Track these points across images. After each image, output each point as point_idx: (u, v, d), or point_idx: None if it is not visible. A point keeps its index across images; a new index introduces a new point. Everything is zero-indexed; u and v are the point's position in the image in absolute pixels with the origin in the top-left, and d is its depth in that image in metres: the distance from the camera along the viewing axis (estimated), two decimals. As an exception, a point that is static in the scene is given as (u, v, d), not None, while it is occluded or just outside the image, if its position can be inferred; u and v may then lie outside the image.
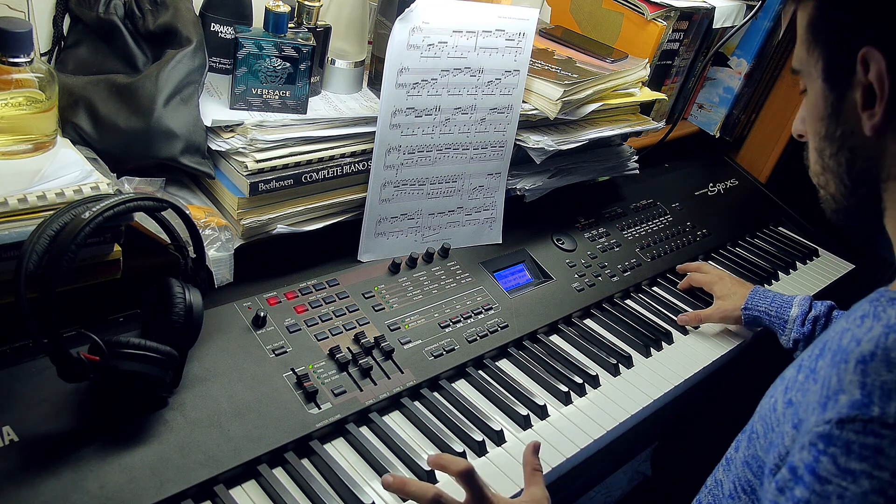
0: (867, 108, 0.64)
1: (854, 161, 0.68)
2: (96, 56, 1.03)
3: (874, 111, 0.64)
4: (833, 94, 0.68)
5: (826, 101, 0.69)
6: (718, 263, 1.61)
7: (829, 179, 0.72)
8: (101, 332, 0.80)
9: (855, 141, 0.67)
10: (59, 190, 0.83)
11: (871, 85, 0.63)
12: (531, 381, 1.14)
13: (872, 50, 0.62)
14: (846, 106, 0.67)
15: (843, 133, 0.68)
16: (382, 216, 1.20)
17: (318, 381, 0.98)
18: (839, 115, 0.68)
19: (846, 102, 0.67)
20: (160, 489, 0.80)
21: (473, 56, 1.16)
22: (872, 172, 0.68)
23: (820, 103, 0.69)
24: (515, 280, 1.30)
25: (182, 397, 0.89)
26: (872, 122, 0.64)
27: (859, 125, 0.66)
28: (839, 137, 0.69)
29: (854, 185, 0.70)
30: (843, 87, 0.67)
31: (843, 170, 0.69)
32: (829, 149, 0.70)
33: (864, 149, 0.67)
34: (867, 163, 0.67)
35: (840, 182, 0.71)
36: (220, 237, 1.00)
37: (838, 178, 0.71)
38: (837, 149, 0.69)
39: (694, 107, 1.92)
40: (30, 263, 0.73)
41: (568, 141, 1.31)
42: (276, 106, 1.08)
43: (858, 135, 0.66)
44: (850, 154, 0.68)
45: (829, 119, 0.69)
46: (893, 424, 0.53)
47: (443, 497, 0.82)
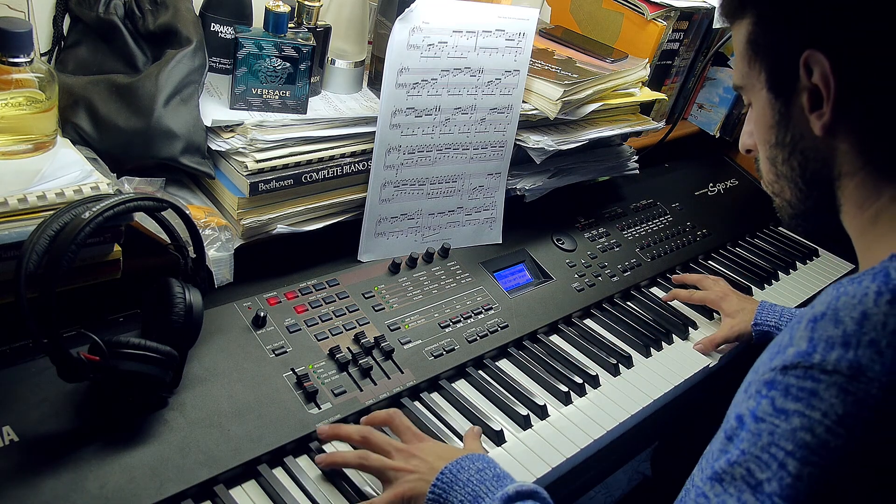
0: (815, 109, 0.66)
1: (806, 164, 0.70)
2: (96, 56, 1.03)
3: (822, 111, 0.66)
4: (779, 102, 0.70)
5: (773, 110, 0.71)
6: (718, 263, 1.61)
7: (784, 186, 0.74)
8: (101, 332, 0.80)
9: (805, 144, 0.69)
10: (59, 190, 0.83)
11: (817, 87, 0.65)
12: (531, 381, 1.14)
13: (814, 52, 0.64)
14: (793, 111, 0.69)
15: (793, 137, 0.70)
16: (382, 216, 1.20)
17: (318, 381, 0.98)
18: (788, 120, 0.70)
19: (793, 108, 0.69)
20: (160, 489, 0.80)
21: (473, 56, 1.16)
22: (825, 172, 0.70)
23: (767, 112, 0.72)
24: (515, 280, 1.30)
25: (182, 397, 0.89)
26: (822, 122, 0.66)
27: (808, 128, 0.68)
28: (790, 143, 0.71)
29: (809, 187, 0.72)
30: (789, 93, 0.69)
31: (796, 174, 0.72)
32: (781, 155, 0.72)
33: (815, 150, 0.69)
34: (819, 164, 0.69)
35: (795, 187, 0.73)
36: (220, 237, 1.00)
37: (793, 183, 0.73)
38: (789, 154, 0.71)
39: (694, 107, 1.92)
40: (30, 263, 0.73)
41: (568, 141, 1.31)
42: (276, 106, 1.08)
43: (808, 137, 0.68)
44: (801, 157, 0.70)
45: (777, 126, 0.71)
46: (832, 371, 0.57)
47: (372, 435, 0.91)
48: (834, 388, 0.57)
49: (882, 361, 0.56)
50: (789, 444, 0.57)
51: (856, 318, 0.58)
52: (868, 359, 0.56)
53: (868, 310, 0.58)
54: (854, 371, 0.56)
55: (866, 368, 0.56)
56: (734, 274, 1.57)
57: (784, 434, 0.57)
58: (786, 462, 0.57)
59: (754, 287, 1.54)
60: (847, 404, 0.56)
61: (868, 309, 0.58)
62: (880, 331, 0.57)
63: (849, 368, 0.57)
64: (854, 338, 0.57)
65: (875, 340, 0.57)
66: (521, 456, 1.00)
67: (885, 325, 0.57)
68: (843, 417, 0.56)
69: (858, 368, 0.56)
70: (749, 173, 1.96)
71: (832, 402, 0.56)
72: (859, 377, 0.56)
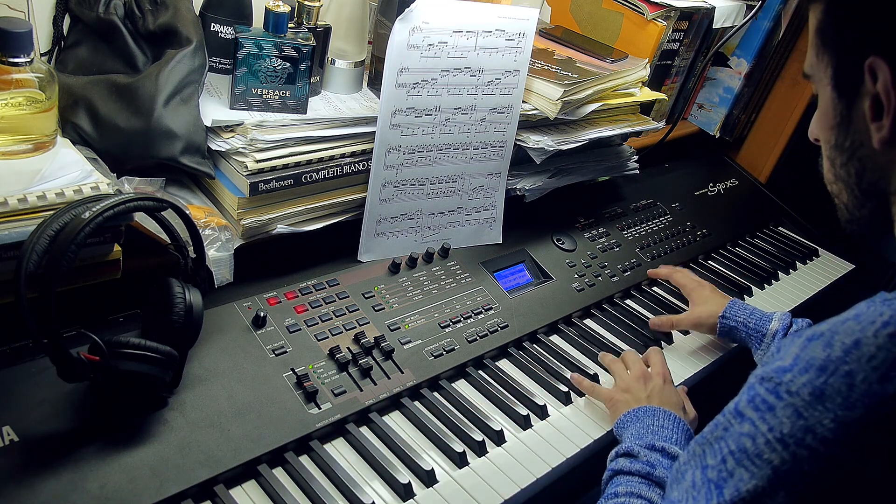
0: (876, 119, 0.63)
1: (864, 172, 0.67)
2: (96, 56, 1.03)
3: (882, 123, 0.62)
4: (842, 103, 0.66)
5: (836, 110, 0.67)
6: (718, 263, 1.61)
7: (842, 189, 0.70)
8: (101, 332, 0.80)
9: (864, 152, 0.66)
10: (59, 190, 0.83)
11: (879, 95, 0.61)
12: (531, 381, 1.14)
13: (879, 60, 0.61)
14: (855, 116, 0.65)
15: (853, 144, 0.66)
16: (382, 216, 1.20)
17: (318, 381, 0.98)
18: (849, 124, 0.66)
19: (855, 112, 0.65)
20: (160, 489, 0.80)
21: (473, 56, 1.16)
22: (882, 185, 0.66)
23: (830, 112, 0.68)
24: (515, 280, 1.30)
25: (182, 397, 0.89)
26: (880, 135, 0.63)
27: (868, 137, 0.64)
28: (849, 148, 0.67)
29: (864, 197, 0.68)
30: (852, 96, 0.65)
31: (853, 181, 0.68)
32: (840, 158, 0.69)
33: (873, 160, 0.65)
34: (877, 175, 0.66)
35: (851, 193, 0.69)
36: (220, 237, 1.00)
37: (849, 189, 0.69)
38: (847, 159, 0.68)
39: (694, 107, 1.92)
40: (30, 263, 0.73)
41: (568, 141, 1.31)
42: (276, 106, 1.08)
43: (868, 146, 0.65)
44: (859, 165, 0.67)
45: (838, 128, 0.67)
46: (794, 392, 0.57)
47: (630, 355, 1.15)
48: (790, 409, 0.57)
49: (847, 396, 0.55)
50: (733, 444, 0.60)
51: (846, 345, 0.56)
52: (834, 390, 0.55)
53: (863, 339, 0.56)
54: (814, 398, 0.56)
55: (828, 399, 0.55)
56: (734, 274, 1.57)
57: (733, 434, 0.61)
58: (727, 458, 0.60)
59: (754, 287, 1.54)
60: (794, 427, 0.56)
61: (864, 338, 0.56)
62: (863, 363, 0.55)
63: (810, 394, 0.56)
64: (833, 365, 0.56)
65: (852, 372, 0.55)
66: (521, 456, 1.00)
67: (872, 358, 0.55)
68: (784, 437, 0.57)
69: (820, 397, 0.56)
70: (749, 173, 1.96)
71: (783, 420, 0.57)
72: (817, 405, 0.55)
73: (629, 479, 0.87)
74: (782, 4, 1.74)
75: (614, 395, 1.07)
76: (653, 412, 0.99)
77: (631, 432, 0.97)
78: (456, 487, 0.93)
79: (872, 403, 0.54)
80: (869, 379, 0.54)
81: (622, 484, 0.86)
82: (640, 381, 1.08)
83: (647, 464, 0.88)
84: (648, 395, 1.05)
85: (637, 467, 0.88)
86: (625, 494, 0.85)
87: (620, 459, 0.91)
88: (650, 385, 1.07)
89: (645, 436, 0.94)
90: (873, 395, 0.54)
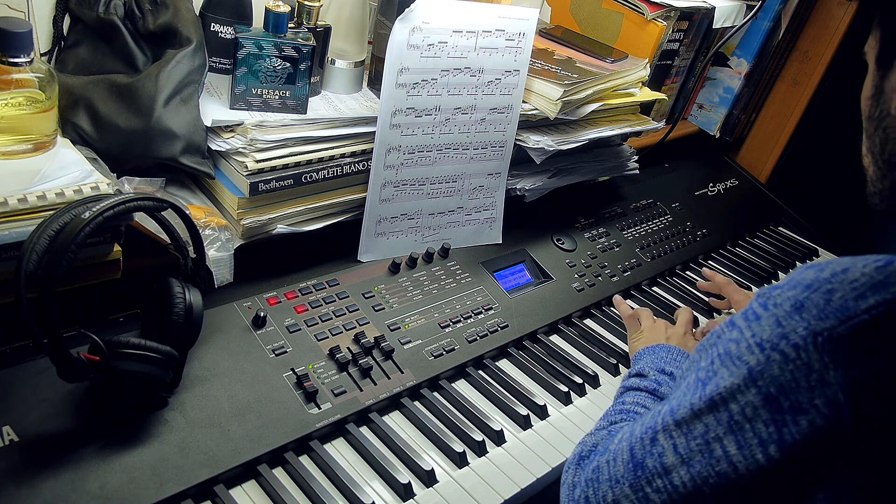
0: None
1: (886, 142, 0.69)
2: (96, 56, 1.03)
3: None
4: (878, 75, 0.69)
5: (872, 82, 0.70)
6: (718, 263, 1.61)
7: (870, 161, 0.72)
8: (101, 332, 0.80)
9: (889, 122, 0.68)
10: (59, 190, 0.83)
11: None
12: (531, 381, 1.14)
13: None
14: (886, 86, 0.68)
15: (881, 113, 0.69)
16: (382, 216, 1.20)
17: (318, 381, 0.98)
18: (880, 94, 0.69)
19: (887, 83, 0.68)
20: (160, 489, 0.80)
21: (473, 56, 1.16)
22: None
23: (869, 83, 0.71)
24: (515, 280, 1.30)
25: (182, 397, 0.89)
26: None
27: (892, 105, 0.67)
28: (877, 118, 0.70)
29: (886, 167, 0.70)
30: (887, 69, 0.68)
31: (877, 150, 0.70)
32: (870, 128, 0.71)
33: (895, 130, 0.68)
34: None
35: (875, 164, 0.71)
36: (220, 237, 1.00)
37: (874, 160, 0.71)
38: (874, 129, 0.70)
39: (694, 107, 1.92)
40: (30, 263, 0.73)
41: (568, 141, 1.31)
42: (276, 106, 1.08)
43: (892, 115, 0.67)
44: (884, 135, 0.69)
45: (872, 99, 0.70)
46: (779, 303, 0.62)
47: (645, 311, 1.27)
48: (772, 319, 0.61)
49: (822, 308, 0.58)
50: (721, 348, 0.66)
51: (836, 270, 0.60)
52: (812, 303, 0.59)
53: (852, 267, 0.60)
54: (794, 309, 0.60)
55: (805, 310, 0.59)
56: (734, 274, 1.57)
57: (723, 340, 0.66)
58: (714, 360, 0.66)
59: (754, 287, 1.54)
60: (772, 333, 0.61)
61: (853, 267, 0.60)
62: (844, 284, 0.59)
63: (791, 306, 0.60)
64: (818, 284, 0.60)
65: (832, 290, 0.59)
66: (521, 456, 1.00)
67: (854, 281, 0.58)
68: (762, 342, 0.61)
69: (799, 308, 0.60)
70: (749, 173, 1.96)
71: (764, 327, 0.62)
72: (794, 315, 0.60)
73: (637, 394, 0.97)
74: (782, 4, 1.74)
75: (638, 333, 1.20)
76: (668, 349, 1.09)
77: (645, 360, 1.06)
78: (456, 487, 0.93)
79: (843, 316, 0.58)
80: (846, 297, 0.58)
81: (630, 396, 0.97)
82: (663, 327, 1.20)
83: (655, 381, 0.99)
84: (668, 337, 1.16)
85: (645, 384, 0.99)
86: (631, 404, 0.95)
87: (632, 378, 1.02)
88: (671, 331, 1.19)
89: (657, 362, 1.04)
90: (846, 309, 0.58)
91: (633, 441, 0.72)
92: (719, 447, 0.64)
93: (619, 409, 0.94)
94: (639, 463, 0.70)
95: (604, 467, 0.75)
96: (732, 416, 0.63)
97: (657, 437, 0.69)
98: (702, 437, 0.65)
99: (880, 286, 0.58)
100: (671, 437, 0.68)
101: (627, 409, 0.94)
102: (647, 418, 0.73)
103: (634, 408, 0.94)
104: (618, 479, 0.72)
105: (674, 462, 0.67)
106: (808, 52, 1.81)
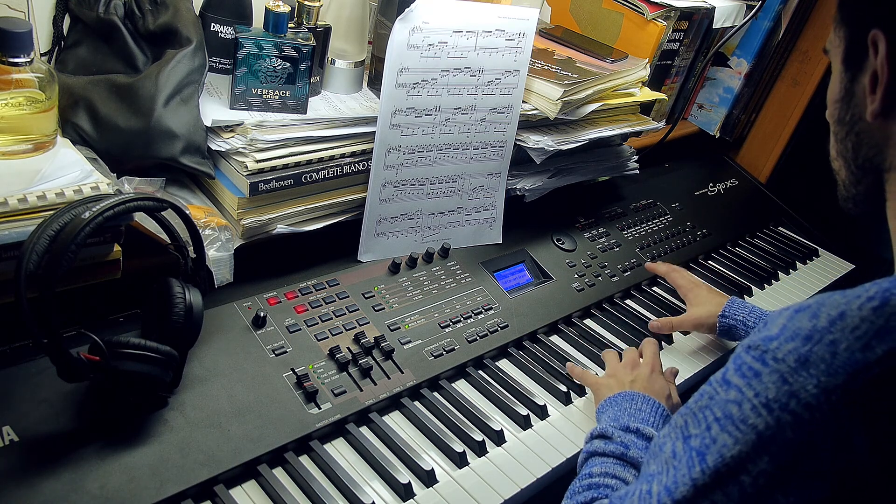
0: (872, 92, 0.64)
1: (860, 147, 0.68)
2: (96, 56, 1.03)
3: (875, 96, 0.64)
4: (847, 77, 0.68)
5: (840, 84, 0.69)
6: (718, 263, 1.61)
7: (841, 165, 0.71)
8: (101, 332, 0.80)
9: (862, 126, 0.67)
10: (59, 190, 0.83)
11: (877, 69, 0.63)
12: (531, 381, 1.14)
13: (879, 33, 0.62)
14: (857, 89, 0.67)
15: (852, 117, 0.68)
16: (382, 216, 1.20)
17: (318, 381, 0.98)
18: (850, 98, 0.68)
19: (857, 86, 0.66)
20: (160, 489, 0.80)
21: (473, 56, 1.16)
22: (877, 160, 0.67)
23: (836, 85, 0.69)
24: (515, 280, 1.30)
25: (182, 397, 0.89)
26: (872, 108, 0.64)
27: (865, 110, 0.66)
28: (848, 121, 0.68)
29: (860, 171, 0.69)
30: (856, 70, 0.66)
31: (850, 155, 0.69)
32: (841, 132, 0.70)
33: (869, 135, 0.66)
34: (873, 150, 0.67)
35: (848, 168, 0.70)
36: (220, 237, 1.00)
37: (847, 164, 0.70)
38: (846, 133, 0.69)
39: (694, 107, 1.92)
40: (30, 263, 0.73)
41: (568, 141, 1.31)
42: (276, 106, 1.08)
43: (865, 120, 0.66)
44: (856, 139, 0.68)
45: (841, 102, 0.69)
46: (780, 359, 0.58)
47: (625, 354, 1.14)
48: (776, 375, 0.58)
49: (830, 362, 0.55)
50: (719, 411, 0.61)
51: (832, 316, 0.57)
52: (818, 357, 0.56)
53: (848, 311, 0.57)
54: (799, 364, 0.57)
55: (812, 365, 0.56)
56: (734, 274, 1.57)
57: (719, 402, 0.61)
58: (711, 426, 0.61)
59: (754, 287, 1.54)
60: (779, 392, 0.57)
61: (849, 310, 0.57)
62: (846, 333, 0.56)
63: (795, 361, 0.57)
64: (818, 334, 0.57)
65: (836, 341, 0.56)
66: (521, 456, 1.00)
67: (856, 328, 0.56)
68: (769, 402, 0.57)
69: (805, 363, 0.56)
70: (749, 173, 1.96)
71: (768, 386, 0.58)
72: (801, 371, 0.56)
73: (604, 460, 0.87)
74: (782, 4, 1.74)
75: (600, 381, 1.09)
76: (632, 397, 1.00)
77: (608, 415, 0.97)
78: (456, 487, 0.93)
79: (854, 370, 0.55)
80: (852, 347, 0.55)
81: (597, 465, 0.87)
82: (627, 368, 1.10)
83: (622, 444, 0.88)
84: (633, 380, 1.06)
85: (611, 448, 0.88)
86: (599, 475, 0.85)
87: (595, 441, 0.91)
88: (636, 372, 1.08)
89: (620, 418, 0.94)
90: (855, 363, 0.55)
91: None
92: None
93: (588, 484, 0.84)
94: None
95: None
96: (745, 488, 0.58)
97: None
98: None
99: (883, 333, 0.55)
100: None
101: (596, 482, 0.84)
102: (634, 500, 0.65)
103: (604, 479, 0.84)
104: None
105: None
106: (808, 52, 1.81)
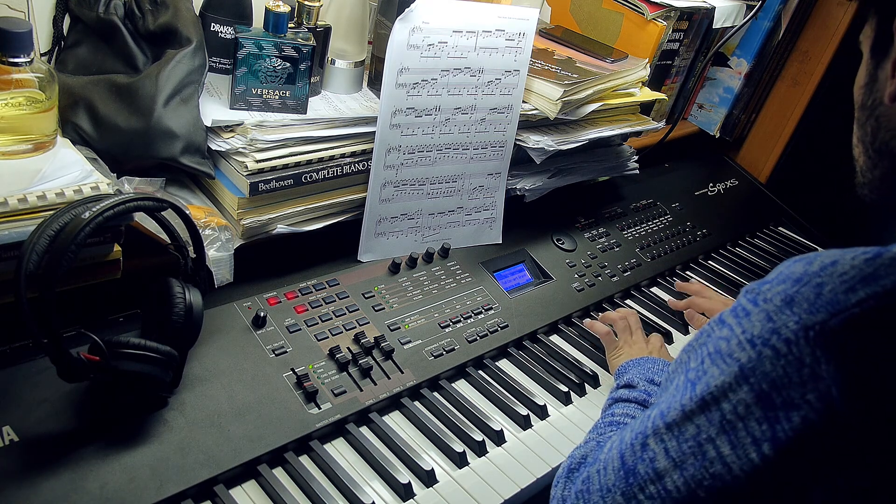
0: (893, 76, 0.66)
1: (878, 131, 0.69)
2: (96, 56, 1.03)
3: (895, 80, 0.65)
4: (872, 63, 0.69)
5: (866, 70, 0.70)
6: (718, 263, 1.61)
7: (860, 150, 0.73)
8: (101, 332, 0.80)
9: (881, 110, 0.68)
10: (59, 190, 0.83)
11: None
12: (531, 381, 1.14)
13: None
14: (880, 75, 0.68)
15: (874, 102, 0.69)
16: (382, 216, 1.20)
17: (318, 381, 0.98)
18: (874, 83, 0.69)
19: (881, 71, 0.68)
20: (160, 489, 0.80)
21: (473, 56, 1.16)
22: (892, 144, 0.68)
23: (863, 72, 0.71)
24: (515, 280, 1.30)
25: (182, 397, 0.89)
26: (890, 90, 0.66)
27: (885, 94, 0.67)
28: (869, 106, 0.70)
29: (877, 155, 0.70)
30: (881, 58, 0.68)
31: (868, 139, 0.70)
32: (862, 117, 0.71)
33: (888, 118, 0.68)
34: (889, 133, 0.68)
35: (866, 153, 0.71)
36: (220, 237, 1.00)
37: (865, 149, 0.71)
38: (867, 117, 0.70)
39: (694, 107, 1.92)
40: (30, 263, 0.73)
41: (568, 141, 1.31)
42: (276, 106, 1.08)
43: (885, 104, 0.67)
44: (875, 123, 0.69)
45: (865, 87, 0.70)
46: (769, 299, 0.61)
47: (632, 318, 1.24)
48: (763, 314, 0.61)
49: (813, 302, 0.58)
50: (712, 347, 0.65)
51: (825, 263, 0.60)
52: (803, 297, 0.59)
53: (841, 260, 0.59)
54: (784, 303, 0.59)
55: (796, 304, 0.59)
56: (734, 274, 1.57)
57: (713, 339, 0.65)
58: (704, 360, 0.65)
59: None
60: (763, 328, 0.60)
61: (842, 260, 0.59)
62: (834, 277, 0.58)
63: (781, 300, 0.60)
64: (807, 277, 0.59)
65: (822, 283, 0.58)
66: (521, 456, 1.00)
67: (844, 274, 0.58)
68: (753, 338, 0.61)
69: (790, 303, 0.59)
70: (749, 173, 1.96)
71: (755, 323, 0.61)
72: (785, 310, 0.59)
73: (626, 405, 0.96)
74: (782, 4, 1.73)
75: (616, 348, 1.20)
76: (653, 360, 1.09)
77: (633, 372, 1.05)
78: (456, 487, 0.93)
79: (834, 309, 0.57)
80: (836, 290, 0.58)
81: (620, 408, 0.96)
82: (643, 340, 1.20)
83: (645, 392, 0.97)
84: (650, 351, 1.17)
85: (634, 395, 0.98)
86: (621, 415, 0.93)
87: (620, 390, 1.01)
88: (651, 345, 1.19)
89: (645, 373, 1.03)
90: (837, 303, 0.57)
91: (624, 448, 0.71)
92: (712, 448, 0.62)
93: (609, 422, 0.92)
94: (630, 470, 0.69)
95: (594, 477, 0.73)
96: (725, 415, 0.62)
97: (648, 441, 0.68)
98: (694, 439, 0.64)
99: (870, 279, 0.57)
100: (662, 441, 0.66)
101: (617, 420, 0.91)
102: (637, 424, 0.71)
103: (623, 419, 0.91)
104: (609, 488, 0.70)
105: (666, 466, 0.65)
106: (808, 52, 1.81)
